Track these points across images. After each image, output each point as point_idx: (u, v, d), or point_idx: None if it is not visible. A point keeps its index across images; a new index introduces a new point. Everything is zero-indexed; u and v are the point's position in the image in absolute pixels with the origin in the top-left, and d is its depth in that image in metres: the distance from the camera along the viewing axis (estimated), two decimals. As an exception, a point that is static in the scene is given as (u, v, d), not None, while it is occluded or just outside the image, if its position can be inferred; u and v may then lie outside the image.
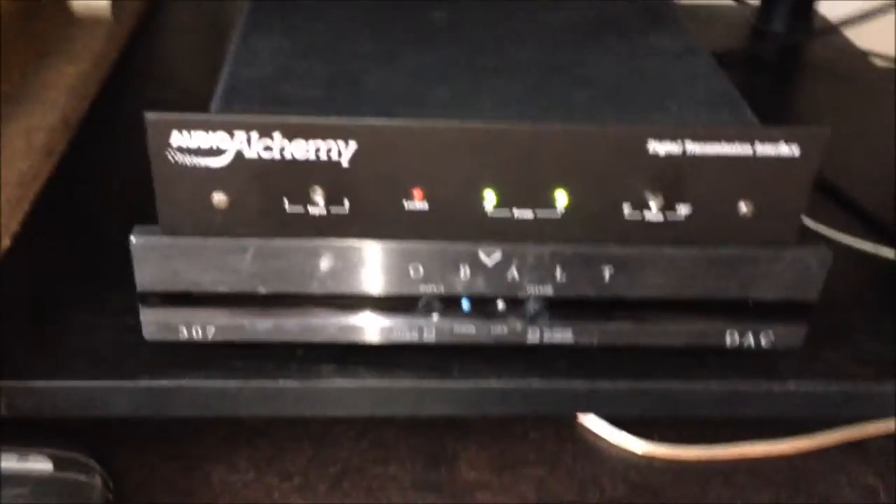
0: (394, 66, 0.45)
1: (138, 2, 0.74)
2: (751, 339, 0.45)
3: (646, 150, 0.40)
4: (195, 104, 0.41)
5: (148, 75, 0.68)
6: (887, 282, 0.52)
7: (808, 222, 0.51)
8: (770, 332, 0.45)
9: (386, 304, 0.43)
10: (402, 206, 0.40)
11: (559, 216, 0.41)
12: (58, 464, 0.44)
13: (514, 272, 0.43)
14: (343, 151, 0.39)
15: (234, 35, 0.47)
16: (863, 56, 0.81)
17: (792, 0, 0.82)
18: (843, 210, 0.58)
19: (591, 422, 0.52)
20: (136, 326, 0.42)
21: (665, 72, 0.46)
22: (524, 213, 0.41)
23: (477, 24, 0.50)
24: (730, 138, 0.40)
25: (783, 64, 0.80)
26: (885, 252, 0.51)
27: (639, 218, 0.42)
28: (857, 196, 0.58)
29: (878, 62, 0.83)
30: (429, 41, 0.48)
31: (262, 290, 0.42)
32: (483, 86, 0.44)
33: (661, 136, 0.40)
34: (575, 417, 0.52)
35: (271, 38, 0.46)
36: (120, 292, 0.43)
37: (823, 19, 0.85)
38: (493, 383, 0.45)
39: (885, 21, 0.78)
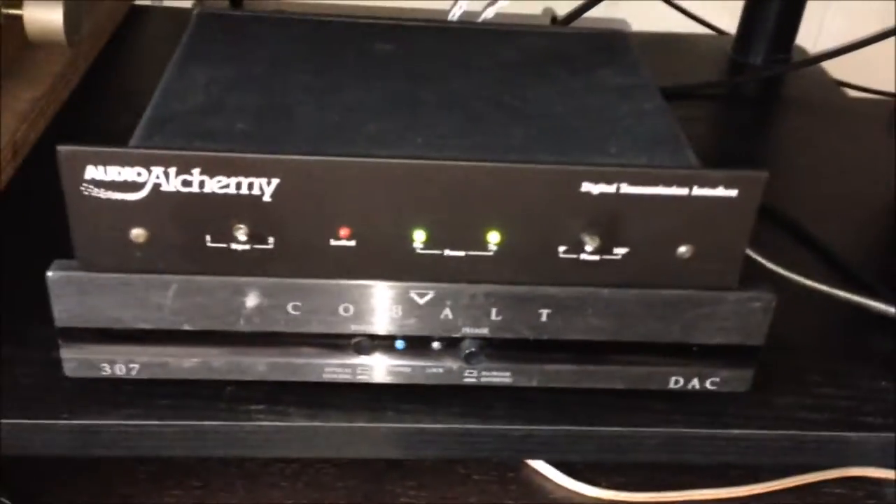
0: (330, 99, 0.44)
1: (99, 25, 0.73)
2: (696, 383, 0.44)
3: (580, 191, 0.39)
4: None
5: (107, 100, 0.67)
6: (845, 323, 0.51)
7: (760, 258, 0.50)
8: (715, 375, 0.44)
9: (317, 342, 0.42)
10: (329, 244, 0.39)
11: (492, 255, 0.40)
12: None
13: (447, 312, 0.42)
14: (265, 187, 0.38)
15: (169, 63, 0.46)
16: (839, 89, 0.80)
17: (771, 32, 0.81)
18: (804, 248, 0.57)
19: (538, 465, 0.51)
20: (59, 362, 0.41)
21: (609, 109, 0.45)
22: (456, 252, 0.40)
23: (424, 57, 0.49)
24: (666, 181, 0.39)
25: (760, 96, 0.79)
26: (843, 294, 0.49)
27: (575, 259, 0.41)
28: (818, 233, 0.57)
29: (856, 94, 0.82)
30: (371, 74, 0.47)
31: (186, 327, 0.41)
32: (419, 120, 0.43)
33: (595, 178, 0.39)
34: (521, 460, 0.51)
35: (207, 68, 0.45)
36: (45, 326, 0.42)
37: (802, 52, 0.84)
38: (429, 425, 0.43)
39: (865, 53, 0.77)
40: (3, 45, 0.61)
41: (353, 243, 0.39)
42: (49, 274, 0.39)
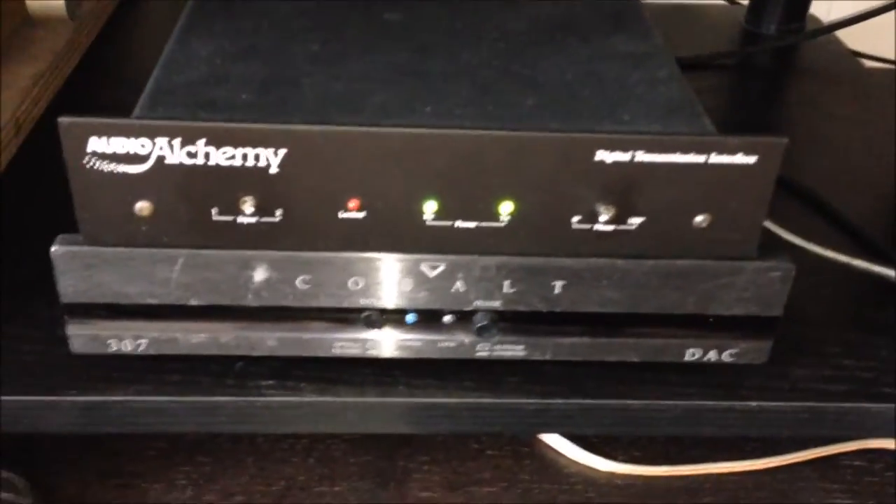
0: (337, 69, 0.43)
1: (99, 2, 0.72)
2: (712, 355, 0.43)
3: (594, 160, 0.38)
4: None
5: (109, 76, 0.66)
6: (863, 293, 0.50)
7: (778, 229, 0.49)
8: (732, 347, 0.43)
9: (327, 317, 0.41)
10: (338, 216, 0.39)
11: (504, 227, 0.39)
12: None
13: (459, 285, 0.41)
14: (271, 159, 0.37)
15: (172, 36, 0.45)
16: (854, 58, 0.79)
17: (784, 1, 0.79)
18: (821, 218, 0.56)
19: (550, 439, 0.50)
20: (65, 339, 0.41)
21: (622, 77, 0.44)
22: (467, 224, 0.39)
23: (432, 26, 0.48)
24: (683, 148, 0.38)
25: (774, 66, 0.77)
26: (860, 263, 0.48)
27: (589, 229, 0.40)
28: (835, 203, 0.56)
29: (871, 64, 0.80)
30: (378, 43, 0.46)
31: (193, 302, 0.40)
32: (429, 90, 0.42)
33: (610, 146, 0.38)
34: (535, 434, 0.50)
35: (210, 39, 0.44)
36: (50, 304, 0.41)
37: (816, 21, 0.82)
38: (441, 399, 0.43)
39: (879, 23, 0.75)
40: (4, 21, 0.60)
41: (362, 215, 0.39)
42: (53, 249, 0.38)
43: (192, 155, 0.36)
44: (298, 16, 0.48)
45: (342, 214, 0.39)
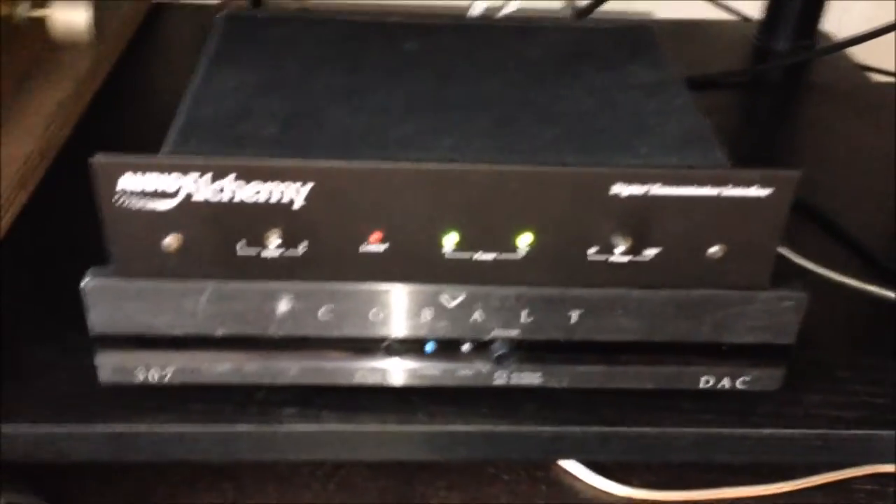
0: (359, 101, 0.44)
1: (122, 25, 0.73)
2: (726, 382, 0.44)
3: (610, 193, 0.39)
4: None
5: (133, 98, 0.67)
6: (875, 319, 0.50)
7: (791, 254, 0.49)
8: (745, 375, 0.44)
9: (348, 346, 0.42)
10: (359, 249, 0.40)
11: (522, 258, 0.40)
12: (14, 508, 0.44)
13: (477, 314, 0.42)
14: (296, 194, 0.38)
15: (197, 68, 0.46)
16: (864, 74, 0.79)
17: (795, 17, 0.80)
18: (832, 241, 0.56)
19: (567, 464, 0.51)
20: (94, 368, 0.42)
21: (637, 107, 0.45)
22: (485, 256, 0.40)
23: (450, 56, 0.49)
24: (697, 181, 0.38)
25: (785, 83, 0.78)
26: (872, 289, 0.49)
27: (605, 260, 0.40)
28: (847, 225, 0.56)
29: (882, 79, 0.81)
30: (398, 74, 0.47)
31: (219, 332, 0.41)
32: (448, 122, 0.43)
33: (626, 180, 0.38)
34: (550, 461, 0.51)
35: (235, 73, 0.46)
36: (79, 333, 0.42)
37: (826, 37, 0.83)
38: (459, 427, 0.44)
39: (890, 39, 0.76)
40: (28, 46, 0.61)
41: (383, 248, 0.40)
42: (84, 282, 0.39)
43: (220, 190, 0.37)
44: (321, 46, 0.49)
45: (364, 247, 0.39)
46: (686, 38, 0.83)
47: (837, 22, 0.94)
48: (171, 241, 0.38)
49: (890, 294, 0.49)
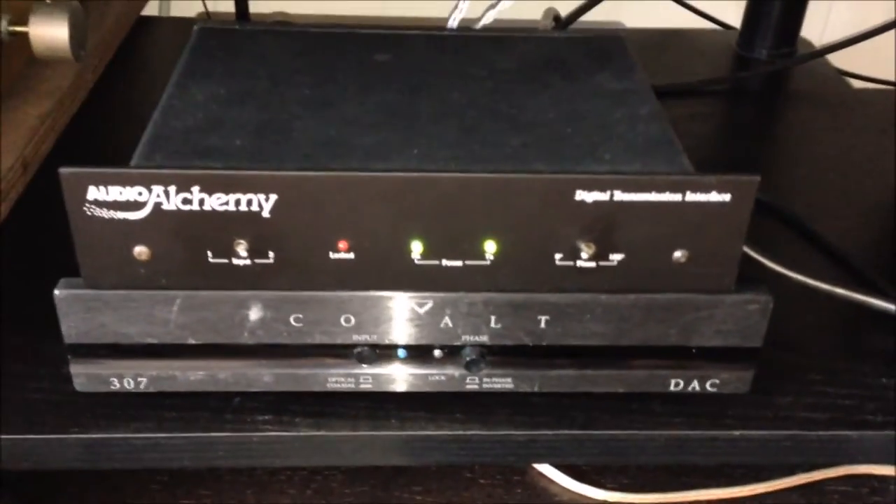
0: (328, 112, 0.45)
1: (106, 38, 0.74)
2: (696, 385, 0.45)
3: (575, 199, 0.39)
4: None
5: (115, 113, 0.68)
6: (846, 321, 0.51)
7: (761, 258, 0.50)
8: (715, 377, 0.44)
9: (320, 353, 0.43)
10: (328, 257, 0.40)
11: (489, 264, 0.41)
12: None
13: (447, 321, 0.42)
14: (264, 203, 0.38)
15: (169, 81, 0.46)
16: (844, 80, 0.80)
17: (775, 25, 0.81)
18: (807, 244, 0.57)
19: (543, 468, 0.51)
20: (70, 377, 0.42)
21: (604, 115, 0.46)
22: (453, 262, 0.41)
23: (421, 67, 0.50)
24: (659, 188, 0.39)
25: (765, 90, 0.79)
26: (842, 291, 0.49)
27: (571, 265, 0.41)
28: (821, 229, 0.57)
29: (862, 85, 0.82)
30: (369, 85, 0.47)
31: (192, 340, 0.42)
32: (416, 132, 0.44)
33: (589, 186, 0.39)
34: (524, 464, 0.52)
35: (206, 85, 0.46)
36: (55, 342, 0.43)
37: (807, 44, 0.84)
38: (432, 432, 0.44)
39: (873, 44, 0.76)
40: (10, 61, 0.62)
41: (351, 255, 0.40)
42: (56, 292, 0.40)
43: (187, 201, 0.38)
44: (292, 58, 0.50)
45: (333, 255, 0.40)
46: (668, 46, 0.84)
47: (821, 29, 0.95)
48: (141, 250, 0.39)
49: (864, 298, 0.49)
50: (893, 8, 0.80)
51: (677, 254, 0.41)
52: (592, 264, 0.41)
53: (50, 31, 0.59)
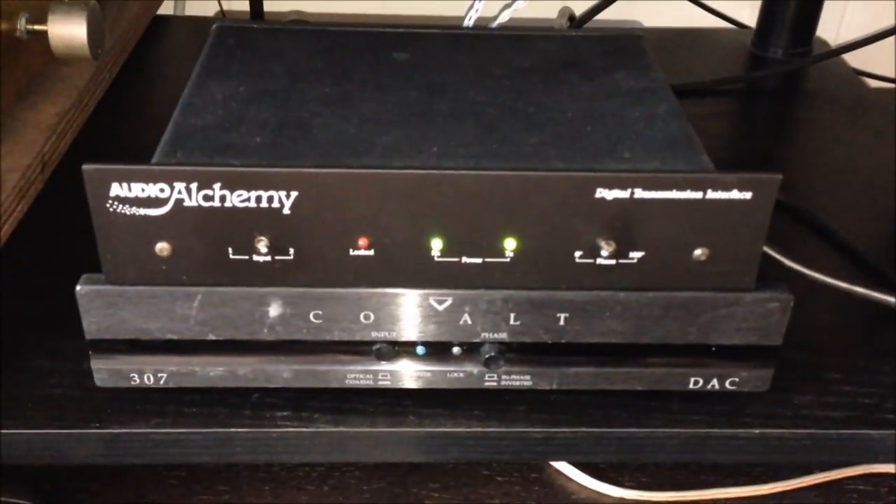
0: (346, 110, 0.45)
1: (124, 37, 0.74)
2: (715, 383, 0.44)
3: (595, 197, 0.39)
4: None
5: (133, 110, 0.68)
6: (866, 320, 0.51)
7: (779, 256, 0.50)
8: (734, 376, 0.44)
9: (339, 349, 0.43)
10: (348, 254, 0.40)
11: (509, 262, 0.41)
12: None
13: (466, 318, 0.42)
14: (284, 200, 0.39)
15: (189, 79, 0.47)
16: (860, 80, 0.80)
17: (790, 25, 0.80)
18: (825, 243, 0.57)
19: (561, 465, 0.51)
20: (90, 373, 0.43)
21: (623, 113, 0.46)
22: (473, 259, 0.41)
23: (439, 65, 0.50)
24: (679, 185, 0.39)
25: (781, 90, 0.79)
26: (861, 290, 0.49)
27: (591, 263, 0.41)
28: (839, 228, 0.57)
29: (878, 84, 0.81)
30: (388, 83, 0.48)
31: (211, 336, 0.42)
32: (436, 129, 0.44)
33: (609, 184, 0.39)
34: (541, 461, 0.52)
35: (226, 82, 0.46)
36: (76, 338, 0.43)
37: (823, 43, 0.83)
38: (450, 429, 0.44)
39: (887, 44, 0.76)
40: (29, 60, 0.62)
41: (371, 252, 0.40)
42: (78, 288, 0.40)
43: (208, 198, 0.38)
44: (310, 56, 0.50)
45: (352, 252, 0.40)
46: (684, 46, 0.84)
47: (836, 29, 0.95)
48: (162, 247, 0.39)
49: (882, 297, 0.49)
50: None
51: (697, 252, 0.41)
52: (612, 262, 0.41)
53: (68, 30, 0.59)
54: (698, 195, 0.39)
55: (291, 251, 0.40)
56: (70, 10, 0.58)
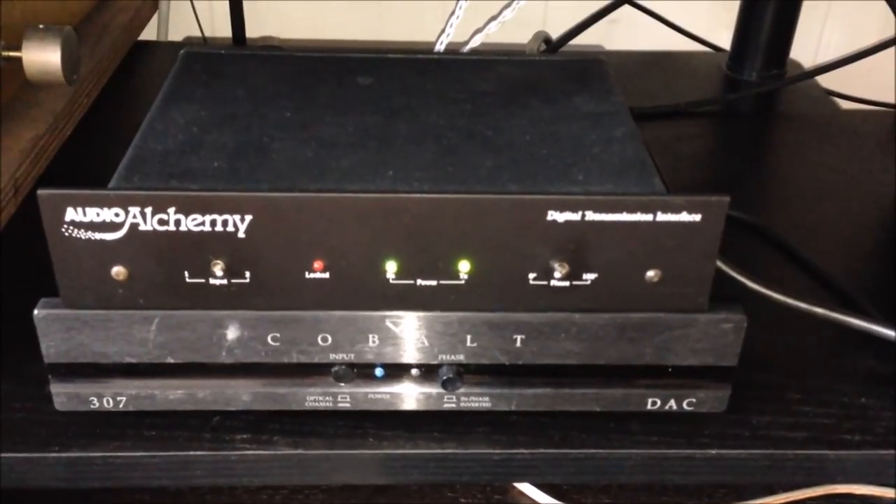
0: (306, 134, 0.45)
1: (101, 62, 0.75)
2: (673, 404, 0.45)
3: (547, 220, 0.40)
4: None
5: (109, 136, 0.69)
6: (827, 341, 0.51)
7: (740, 277, 0.50)
8: (691, 396, 0.44)
9: (298, 372, 0.43)
10: (304, 276, 0.41)
11: (464, 284, 0.41)
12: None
13: (423, 339, 0.43)
14: (239, 224, 0.39)
15: (153, 103, 0.47)
16: (833, 102, 0.80)
17: (764, 47, 0.81)
18: (788, 263, 0.57)
19: (525, 487, 0.52)
20: (50, 396, 0.43)
21: (579, 137, 0.46)
22: (428, 282, 0.41)
23: (402, 90, 0.50)
24: (630, 208, 0.39)
25: (755, 112, 0.79)
26: (821, 311, 0.49)
27: (545, 285, 0.41)
28: (805, 250, 0.57)
29: (853, 106, 0.82)
30: (349, 108, 0.48)
31: (170, 360, 0.42)
32: (394, 153, 0.44)
33: (560, 207, 0.40)
34: (502, 483, 0.52)
35: (188, 107, 0.47)
36: (37, 362, 0.43)
37: (797, 66, 0.84)
38: (409, 451, 0.44)
39: (867, 65, 0.77)
40: (3, 85, 0.63)
41: (327, 275, 0.41)
42: (35, 312, 0.40)
43: (163, 222, 0.39)
44: (275, 81, 0.51)
45: (308, 275, 0.41)
46: (658, 68, 0.85)
47: (814, 50, 0.96)
48: (119, 271, 0.40)
49: (844, 318, 0.49)
50: (894, 25, 0.81)
51: (650, 273, 0.41)
52: (566, 284, 0.41)
53: (43, 56, 0.60)
54: (648, 217, 0.40)
55: (248, 274, 0.40)
56: (45, 35, 0.59)
